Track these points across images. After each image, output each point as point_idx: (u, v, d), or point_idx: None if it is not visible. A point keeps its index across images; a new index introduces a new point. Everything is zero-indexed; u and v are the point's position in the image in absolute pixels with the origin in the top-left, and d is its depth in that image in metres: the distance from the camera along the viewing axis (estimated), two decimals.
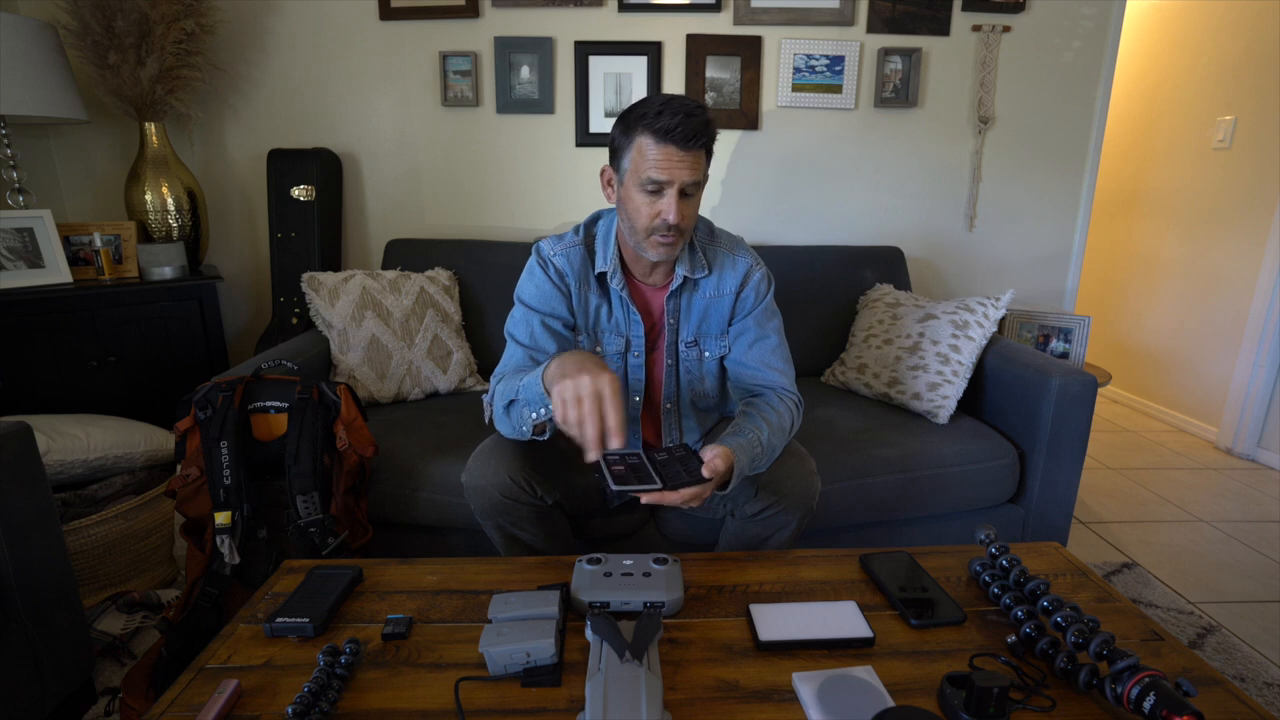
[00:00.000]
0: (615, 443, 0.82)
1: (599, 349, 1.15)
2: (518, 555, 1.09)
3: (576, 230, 1.14)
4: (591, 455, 0.82)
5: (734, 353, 1.17)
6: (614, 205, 1.10)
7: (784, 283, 1.51)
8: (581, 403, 0.81)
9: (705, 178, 1.04)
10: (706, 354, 1.18)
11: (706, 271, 1.14)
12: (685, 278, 1.12)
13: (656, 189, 0.98)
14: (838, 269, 1.94)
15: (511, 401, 0.99)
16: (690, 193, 1.01)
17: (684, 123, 0.94)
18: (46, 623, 1.00)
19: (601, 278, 1.13)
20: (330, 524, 1.19)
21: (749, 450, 0.99)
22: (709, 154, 1.02)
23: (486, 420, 1.11)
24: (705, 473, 0.88)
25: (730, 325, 1.17)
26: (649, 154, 0.97)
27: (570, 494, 1.15)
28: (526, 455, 1.07)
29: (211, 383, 1.23)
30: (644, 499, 0.86)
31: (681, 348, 1.17)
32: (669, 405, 1.21)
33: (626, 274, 1.14)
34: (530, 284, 1.12)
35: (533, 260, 1.13)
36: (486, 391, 1.70)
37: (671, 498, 0.86)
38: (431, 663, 0.72)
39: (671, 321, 1.15)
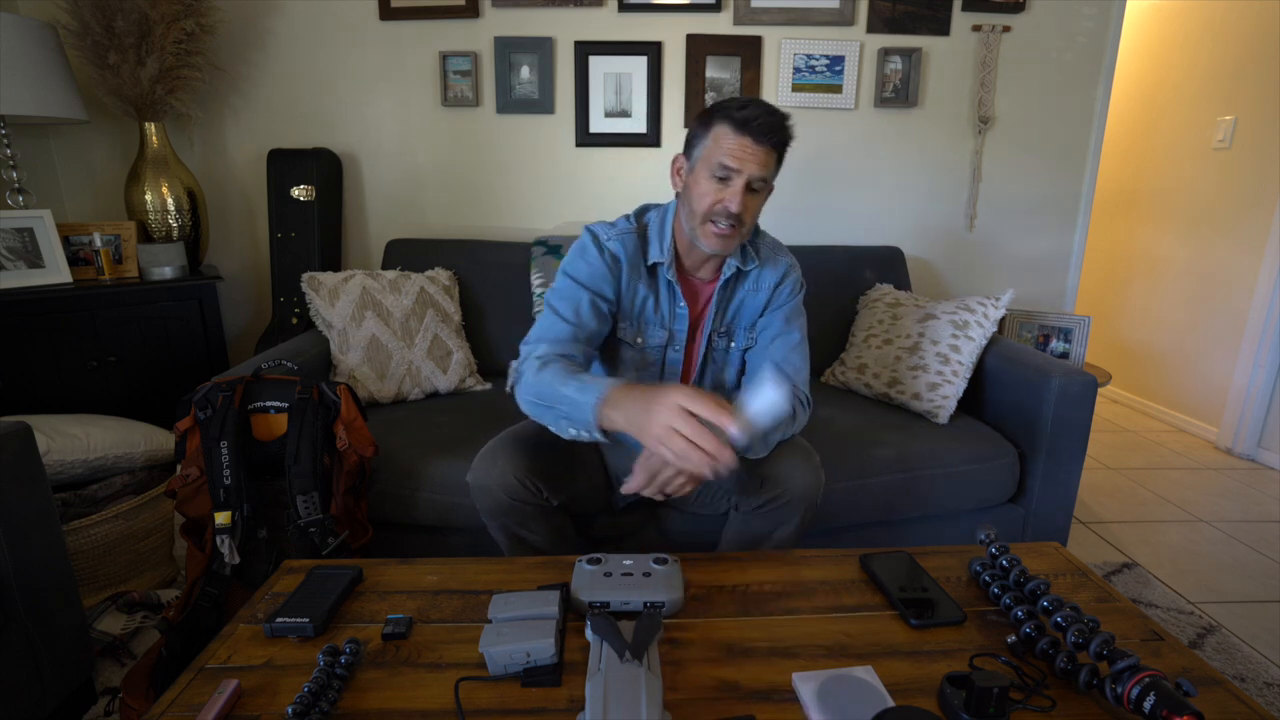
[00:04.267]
0: (734, 429, 0.76)
1: (639, 339, 1.16)
2: (522, 555, 1.09)
3: (628, 218, 1.16)
4: (729, 458, 0.75)
5: (757, 344, 1.19)
6: (677, 193, 1.11)
7: None
8: (676, 434, 0.76)
9: (772, 186, 1.06)
10: (733, 345, 1.20)
11: (758, 263, 1.16)
12: (738, 269, 1.14)
13: (725, 176, 1.00)
14: (838, 269, 1.94)
15: (547, 406, 0.95)
16: (756, 188, 1.02)
17: (764, 117, 0.98)
18: (46, 623, 1.00)
19: (653, 269, 1.14)
20: (330, 524, 1.19)
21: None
22: (779, 159, 1.04)
23: (508, 388, 1.10)
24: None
25: (759, 318, 1.19)
26: (724, 142, 1.00)
27: (575, 494, 1.15)
28: (532, 456, 1.07)
29: (211, 383, 1.23)
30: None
31: (715, 337, 1.19)
32: None
33: (678, 267, 1.15)
34: (581, 262, 1.11)
35: (585, 240, 1.12)
36: (484, 387, 1.73)
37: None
38: (431, 663, 0.72)
39: (713, 312, 1.17)
